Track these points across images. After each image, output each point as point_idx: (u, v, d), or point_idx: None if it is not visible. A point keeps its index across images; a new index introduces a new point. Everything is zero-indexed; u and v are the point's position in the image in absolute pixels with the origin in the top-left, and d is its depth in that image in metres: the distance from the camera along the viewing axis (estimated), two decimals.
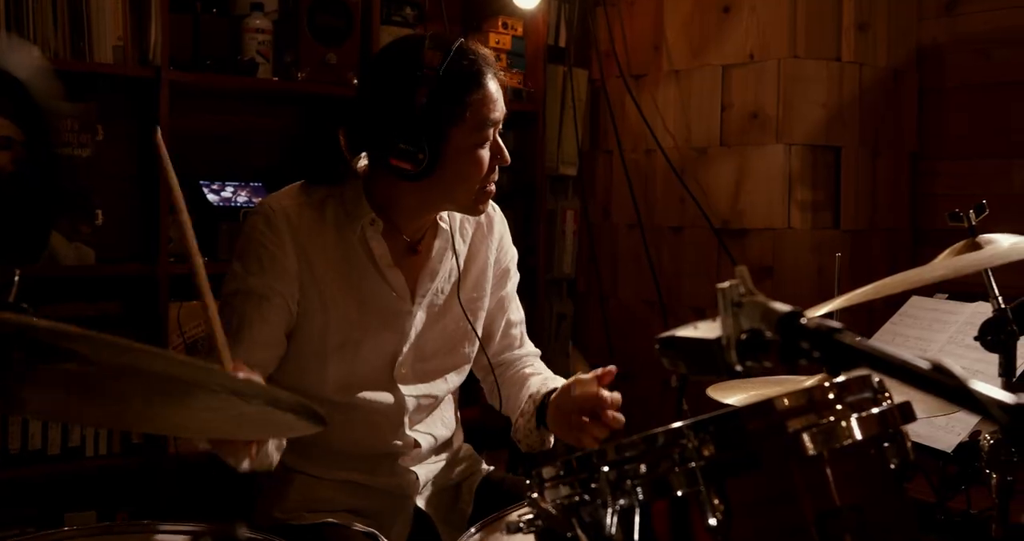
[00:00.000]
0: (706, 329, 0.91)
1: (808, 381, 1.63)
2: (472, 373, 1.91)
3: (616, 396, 1.61)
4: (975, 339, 1.52)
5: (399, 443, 1.76)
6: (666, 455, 0.95)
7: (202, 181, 2.87)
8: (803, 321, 0.83)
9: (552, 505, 1.02)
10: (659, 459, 0.96)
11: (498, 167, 1.69)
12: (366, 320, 1.70)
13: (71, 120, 2.64)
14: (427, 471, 1.82)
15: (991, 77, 3.04)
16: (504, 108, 1.67)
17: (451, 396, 1.89)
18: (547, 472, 1.05)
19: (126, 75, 2.67)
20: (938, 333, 2.19)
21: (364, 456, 1.75)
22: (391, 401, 1.74)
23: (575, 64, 3.52)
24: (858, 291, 1.49)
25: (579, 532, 0.99)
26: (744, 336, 0.85)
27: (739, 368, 0.86)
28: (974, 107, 3.09)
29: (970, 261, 1.49)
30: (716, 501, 0.93)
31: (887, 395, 1.04)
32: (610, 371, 1.63)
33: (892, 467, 1.02)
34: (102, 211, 2.72)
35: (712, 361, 0.88)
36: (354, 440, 1.73)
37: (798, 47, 2.96)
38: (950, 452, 1.95)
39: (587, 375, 1.64)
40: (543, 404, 1.74)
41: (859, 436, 0.98)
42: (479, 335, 1.84)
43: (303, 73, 2.89)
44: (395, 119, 1.59)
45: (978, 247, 1.53)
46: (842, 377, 1.02)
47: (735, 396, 1.74)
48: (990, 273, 1.55)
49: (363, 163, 1.74)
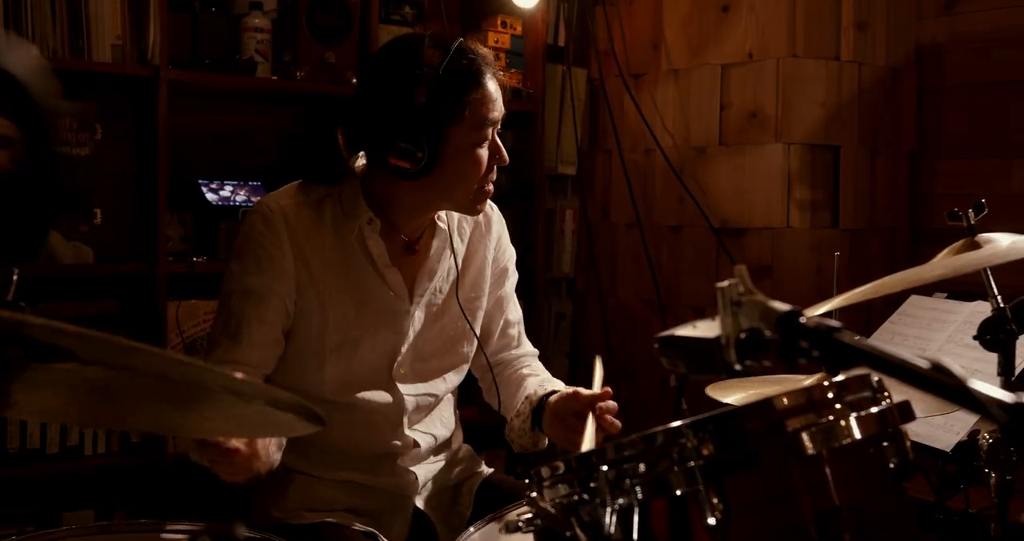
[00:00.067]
0: (705, 328, 0.90)
1: (807, 380, 1.63)
2: (470, 372, 1.91)
3: (612, 404, 1.62)
4: (974, 338, 1.52)
5: (398, 443, 1.76)
6: (665, 454, 0.95)
7: (201, 180, 2.87)
8: (802, 320, 0.82)
9: (551, 504, 1.02)
10: (658, 458, 0.95)
11: (496, 167, 1.69)
12: (364, 320, 1.70)
13: (70, 119, 2.64)
14: (426, 471, 1.82)
15: (990, 76, 3.04)
16: (503, 108, 1.67)
17: (450, 396, 1.89)
18: (546, 471, 1.05)
19: (125, 74, 2.67)
20: (937, 332, 2.19)
21: (363, 456, 1.75)
22: (390, 401, 1.74)
23: (574, 63, 3.52)
24: (857, 290, 1.49)
25: (578, 531, 0.98)
26: (743, 335, 0.85)
27: (738, 367, 0.86)
28: (973, 106, 3.09)
29: (969, 260, 1.49)
30: (715, 500, 0.92)
31: (886, 394, 1.04)
32: (608, 392, 1.62)
33: (891, 466, 1.02)
34: (101, 210, 2.73)
35: (711, 360, 0.88)
36: (353, 440, 1.73)
37: (797, 46, 2.96)
38: (949, 451, 1.95)
39: (587, 392, 1.63)
40: (540, 406, 1.75)
41: (858, 435, 0.98)
42: (477, 335, 1.84)
43: (302, 72, 2.89)
44: (394, 118, 1.59)
45: (977, 246, 1.53)
46: (841, 376, 1.01)
47: (734, 395, 1.74)
48: (989, 272, 1.55)
49: (361, 162, 1.74)
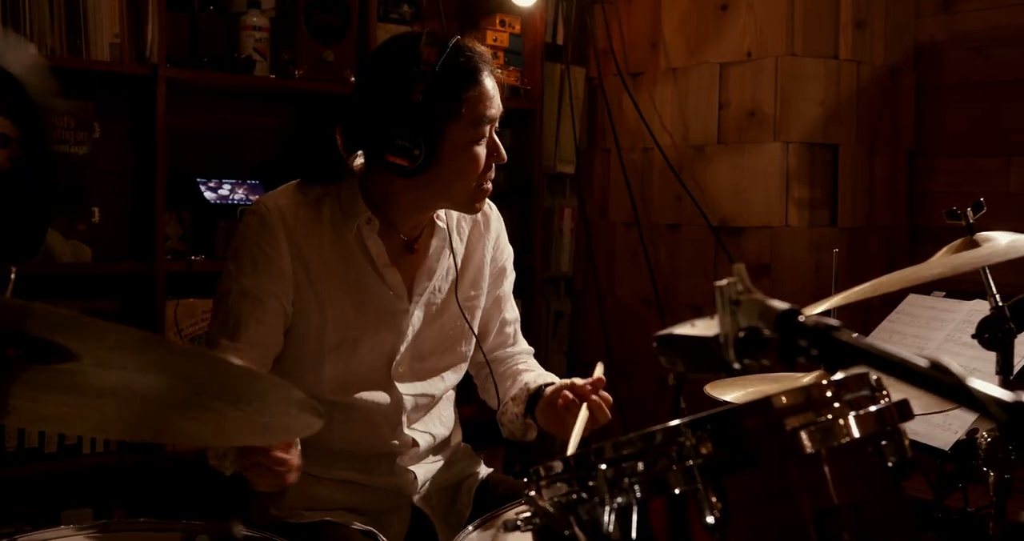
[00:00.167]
0: (704, 327, 0.90)
1: (806, 379, 1.63)
2: (467, 370, 1.91)
3: (607, 395, 1.64)
4: (972, 337, 1.52)
5: (397, 442, 1.76)
6: (664, 453, 0.95)
7: (199, 178, 2.86)
8: (801, 319, 0.82)
9: (550, 503, 1.02)
10: (657, 457, 0.95)
11: (495, 165, 1.69)
12: (363, 319, 1.70)
13: (67, 117, 2.64)
14: (425, 470, 1.82)
15: (989, 75, 3.04)
16: (501, 105, 1.67)
17: (449, 395, 1.89)
18: (545, 470, 1.04)
19: (123, 72, 2.66)
20: (935, 331, 2.19)
21: (362, 455, 1.75)
22: (388, 400, 1.74)
23: (573, 62, 3.52)
24: (855, 289, 1.49)
25: (577, 530, 0.98)
26: (742, 334, 0.85)
27: (737, 366, 0.86)
28: (972, 105, 3.09)
29: (967, 259, 1.49)
30: (714, 499, 0.92)
31: (885, 393, 1.04)
32: (602, 380, 1.66)
33: (890, 465, 1.02)
34: (99, 209, 2.72)
35: (710, 359, 0.88)
36: (352, 439, 1.73)
37: (795, 45, 2.96)
38: (948, 450, 1.95)
39: (583, 381, 1.66)
40: (536, 394, 1.76)
41: (857, 434, 0.98)
42: (476, 333, 1.84)
43: (300, 71, 2.89)
44: (392, 115, 1.59)
45: (975, 245, 1.53)
46: (840, 375, 1.02)
47: (733, 394, 1.74)
48: (987, 271, 1.55)
49: (360, 161, 1.73)
